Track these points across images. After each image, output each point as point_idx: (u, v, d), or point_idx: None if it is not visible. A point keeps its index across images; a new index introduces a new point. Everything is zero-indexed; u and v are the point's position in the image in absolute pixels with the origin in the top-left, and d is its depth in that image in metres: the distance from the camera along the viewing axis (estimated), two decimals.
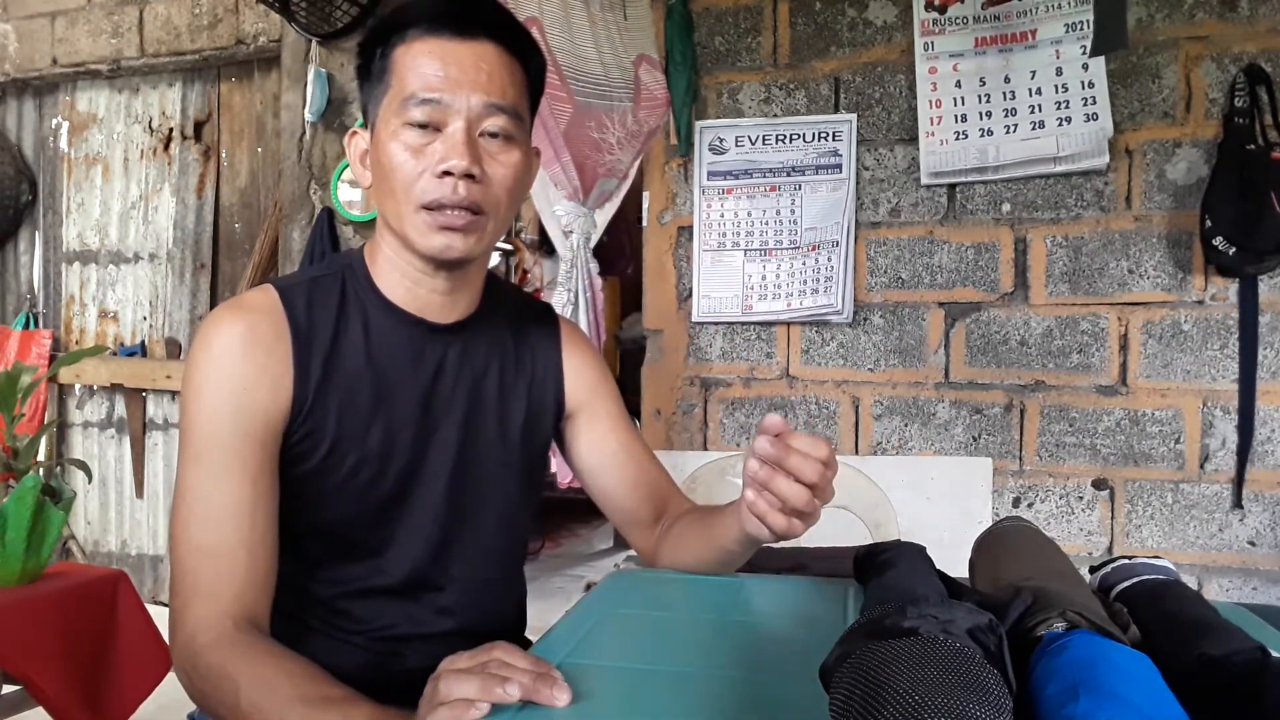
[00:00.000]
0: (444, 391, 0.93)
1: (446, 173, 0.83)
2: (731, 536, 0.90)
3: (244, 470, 0.81)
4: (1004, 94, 2.23)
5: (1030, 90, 2.21)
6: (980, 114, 2.24)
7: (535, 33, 1.82)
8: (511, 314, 1.02)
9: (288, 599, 0.89)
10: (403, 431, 0.90)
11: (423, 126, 0.84)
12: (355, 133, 0.93)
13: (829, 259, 2.36)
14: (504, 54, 0.86)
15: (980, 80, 2.25)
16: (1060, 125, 2.17)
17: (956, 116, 2.26)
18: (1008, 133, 2.21)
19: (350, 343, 0.89)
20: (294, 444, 0.85)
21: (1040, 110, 2.19)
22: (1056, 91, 2.19)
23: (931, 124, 2.28)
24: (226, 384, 0.82)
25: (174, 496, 0.83)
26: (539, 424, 1.02)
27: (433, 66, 0.84)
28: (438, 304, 0.92)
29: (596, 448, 1.05)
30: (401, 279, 0.91)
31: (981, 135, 2.23)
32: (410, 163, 0.84)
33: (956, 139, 2.25)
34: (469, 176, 0.83)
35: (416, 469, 0.91)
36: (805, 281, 2.38)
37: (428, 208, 0.84)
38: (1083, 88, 2.16)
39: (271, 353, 0.84)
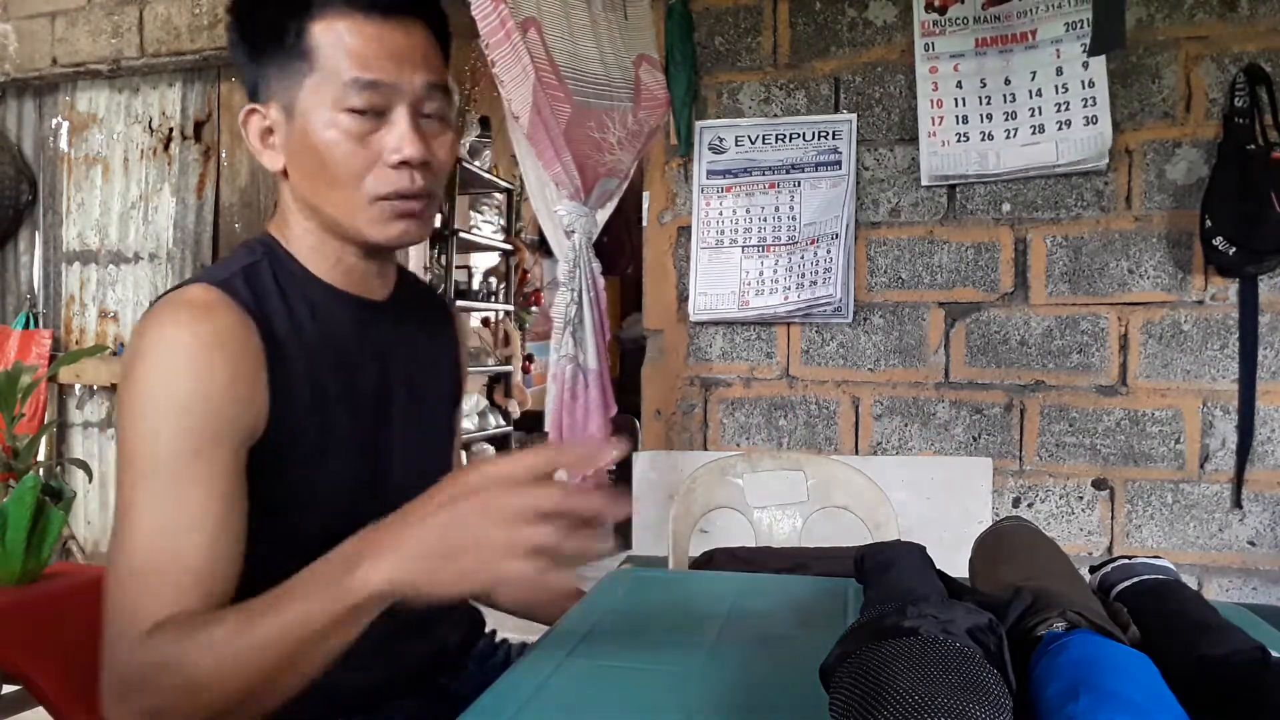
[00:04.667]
0: (396, 368, 0.92)
1: (404, 162, 0.81)
2: None
3: (212, 481, 0.74)
4: (1004, 95, 2.23)
5: (1031, 92, 2.21)
6: (981, 116, 2.24)
7: (533, 34, 1.82)
8: (417, 291, 1.04)
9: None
10: (365, 415, 0.88)
11: (363, 113, 0.80)
12: (254, 110, 0.85)
13: (827, 251, 2.35)
14: (430, 33, 0.84)
15: (981, 81, 2.25)
16: (1060, 130, 2.18)
17: (958, 118, 2.26)
18: (1008, 137, 2.22)
19: (304, 328, 0.84)
20: (271, 444, 0.79)
21: (1040, 114, 2.20)
22: (1056, 93, 2.19)
23: (933, 124, 2.28)
24: (191, 384, 0.74)
25: (117, 513, 0.75)
26: (453, 404, 1.06)
27: (370, 49, 0.80)
28: (373, 284, 0.92)
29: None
30: (334, 261, 0.88)
31: (983, 139, 2.24)
32: (357, 152, 0.81)
33: (958, 140, 2.26)
34: (424, 164, 0.82)
35: (383, 461, 0.89)
36: (803, 275, 2.37)
37: (385, 198, 0.82)
38: (1083, 87, 2.15)
39: (243, 351, 0.77)
